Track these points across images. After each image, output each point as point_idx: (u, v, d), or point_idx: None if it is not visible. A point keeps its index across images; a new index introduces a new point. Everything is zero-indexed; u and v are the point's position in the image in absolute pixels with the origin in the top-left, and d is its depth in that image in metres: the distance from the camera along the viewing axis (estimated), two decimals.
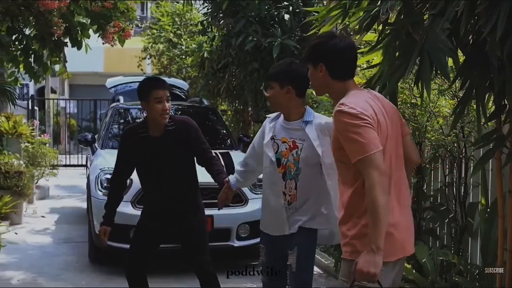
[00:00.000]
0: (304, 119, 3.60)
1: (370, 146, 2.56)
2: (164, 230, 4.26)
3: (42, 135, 12.56)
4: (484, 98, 3.05)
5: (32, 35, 7.23)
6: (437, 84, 4.62)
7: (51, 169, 11.13)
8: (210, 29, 9.69)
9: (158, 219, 4.24)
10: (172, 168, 4.15)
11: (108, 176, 6.14)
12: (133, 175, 4.42)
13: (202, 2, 10.19)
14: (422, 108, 4.86)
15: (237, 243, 6.38)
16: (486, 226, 4.31)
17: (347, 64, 2.84)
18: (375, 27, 3.28)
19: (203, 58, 9.80)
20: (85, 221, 7.61)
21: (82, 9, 6.90)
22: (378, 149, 2.57)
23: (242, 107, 10.42)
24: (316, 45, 2.87)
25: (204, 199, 4.50)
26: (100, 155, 7.25)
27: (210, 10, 9.34)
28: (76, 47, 7.36)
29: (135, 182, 5.74)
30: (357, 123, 2.59)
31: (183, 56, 12.99)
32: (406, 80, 4.56)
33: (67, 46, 7.41)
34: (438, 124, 4.87)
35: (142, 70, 14.82)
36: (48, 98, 19.22)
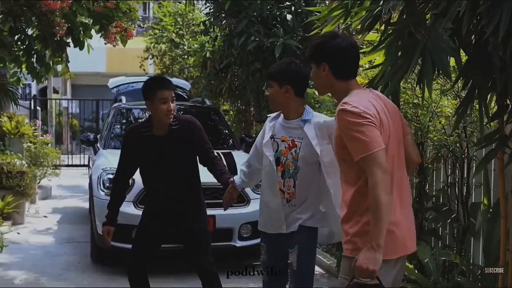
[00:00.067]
0: (303, 117, 3.62)
1: (373, 145, 2.58)
2: (166, 230, 4.25)
3: (45, 135, 12.59)
4: (486, 98, 3.05)
5: (34, 35, 7.24)
6: (439, 84, 4.61)
7: (53, 169, 11.13)
8: (212, 29, 9.70)
9: (160, 219, 4.24)
10: (176, 167, 4.15)
11: (110, 176, 6.15)
12: (135, 175, 4.42)
13: (204, 2, 10.20)
14: (425, 108, 4.85)
15: (239, 243, 6.37)
16: (488, 226, 4.31)
17: (349, 64, 2.86)
18: (377, 27, 3.28)
19: (205, 58, 9.81)
20: (87, 221, 7.62)
21: (84, 9, 6.91)
22: (381, 147, 2.59)
23: (244, 107, 10.43)
24: (319, 44, 2.89)
25: (206, 199, 4.49)
26: (102, 155, 7.25)
27: (212, 10, 9.36)
28: (78, 47, 7.37)
29: (137, 182, 5.75)
30: (360, 121, 2.61)
31: (185, 56, 13.01)
32: (408, 80, 4.56)
33: (69, 46, 7.42)
34: (440, 124, 4.86)
35: (144, 70, 14.84)
36: (51, 98, 19.25)
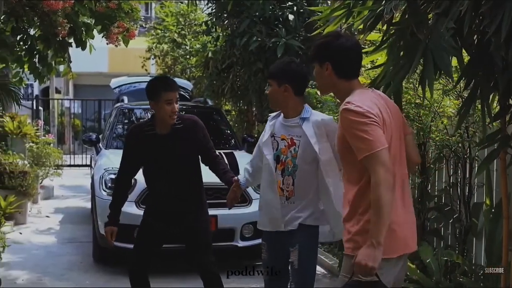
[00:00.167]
0: (301, 116, 3.65)
1: (376, 144, 2.60)
2: (168, 229, 4.25)
3: (47, 135, 12.59)
4: (488, 98, 3.05)
5: (36, 35, 7.25)
6: (441, 84, 4.61)
7: (55, 169, 11.14)
8: (214, 29, 9.70)
9: (162, 218, 4.24)
10: (178, 166, 4.15)
11: (113, 176, 6.15)
12: (137, 175, 4.42)
13: (207, 2, 10.20)
14: (427, 108, 4.85)
15: (241, 243, 6.37)
16: (490, 227, 4.30)
17: (353, 64, 2.89)
18: (379, 26, 3.28)
19: (208, 58, 9.81)
20: (89, 221, 7.62)
21: (87, 9, 6.92)
22: (384, 146, 2.62)
23: (246, 107, 10.42)
24: (323, 44, 2.91)
25: (208, 199, 4.49)
26: (104, 155, 7.26)
27: (214, 10, 9.35)
28: (80, 48, 7.38)
29: (139, 182, 5.75)
30: (363, 121, 2.63)
31: (188, 56, 13.01)
32: (410, 80, 4.56)
33: (71, 47, 7.43)
34: (442, 124, 4.86)
35: (146, 70, 14.84)
36: (53, 98, 19.24)
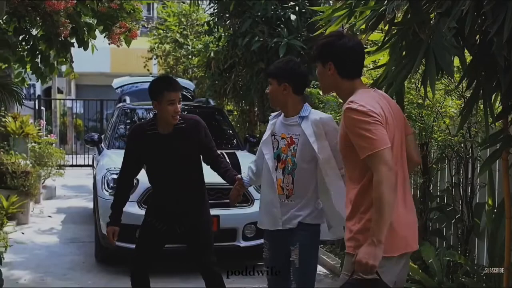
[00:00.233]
0: (300, 114, 3.68)
1: (380, 143, 2.62)
2: (170, 229, 4.25)
3: (49, 135, 12.60)
4: (491, 99, 3.04)
5: (39, 35, 7.27)
6: (443, 84, 4.61)
7: (57, 169, 11.16)
8: (216, 29, 9.69)
9: (164, 219, 4.24)
10: (180, 166, 4.15)
11: (115, 176, 6.15)
12: (139, 175, 4.42)
13: (209, 2, 10.20)
14: (429, 108, 4.85)
15: (243, 243, 6.37)
16: (493, 227, 4.30)
17: (355, 63, 2.91)
18: (381, 26, 3.28)
19: (210, 58, 9.81)
20: (91, 221, 7.63)
21: (89, 9, 6.93)
22: (387, 145, 2.63)
23: (248, 107, 10.42)
24: (326, 44, 2.93)
25: (210, 199, 4.50)
26: (106, 155, 7.26)
27: (216, 11, 9.35)
28: (82, 48, 7.40)
29: (141, 182, 5.76)
30: (367, 120, 2.65)
31: (190, 56, 13.00)
32: (412, 80, 4.55)
33: (73, 47, 7.44)
34: (444, 124, 4.86)
35: (148, 70, 14.84)
36: (55, 98, 19.28)
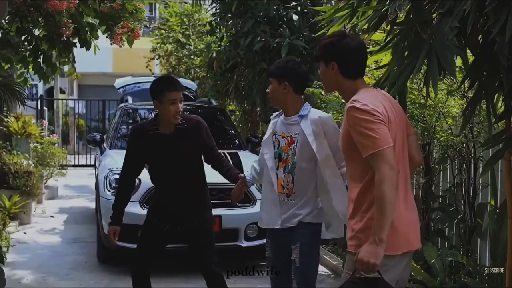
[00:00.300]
0: (300, 113, 3.70)
1: (382, 142, 2.63)
2: (171, 229, 4.25)
3: (51, 135, 12.62)
4: (493, 98, 3.04)
5: (41, 35, 7.27)
6: (446, 84, 4.61)
7: (60, 169, 11.17)
8: (218, 29, 9.70)
9: (165, 219, 4.24)
10: (181, 166, 4.15)
11: (117, 176, 6.15)
12: (141, 175, 4.42)
13: (211, 2, 10.20)
14: (431, 109, 4.84)
15: (245, 244, 6.37)
16: (495, 227, 4.30)
17: (358, 63, 2.93)
18: (383, 26, 3.28)
19: (212, 58, 9.81)
20: (93, 221, 7.64)
21: (91, 9, 6.93)
22: (390, 145, 2.65)
23: (250, 107, 10.42)
24: (329, 44, 2.95)
25: (212, 199, 4.49)
26: (108, 155, 7.27)
27: (218, 11, 9.35)
28: (85, 48, 7.40)
29: (143, 182, 5.76)
30: (369, 119, 2.67)
31: (192, 57, 13.01)
32: (415, 80, 4.55)
33: (76, 47, 7.44)
34: (447, 125, 4.86)
35: (150, 70, 14.85)
36: (57, 98, 19.30)
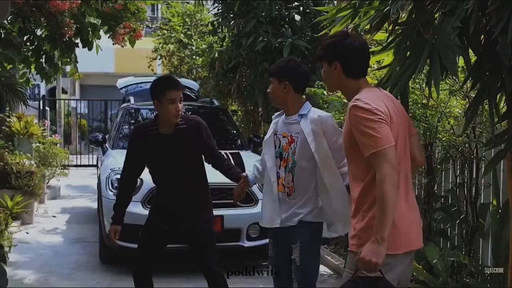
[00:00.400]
0: (300, 112, 3.71)
1: (384, 141, 2.64)
2: (172, 229, 4.26)
3: (53, 135, 12.63)
4: (496, 98, 3.04)
5: (43, 36, 7.28)
6: (448, 84, 4.60)
7: (62, 169, 11.18)
8: (220, 29, 9.70)
9: (166, 219, 4.24)
10: (182, 166, 4.15)
11: (119, 176, 6.16)
12: (143, 175, 4.42)
13: (213, 2, 10.21)
14: (433, 109, 4.84)
15: (247, 244, 6.37)
16: (497, 227, 4.29)
17: (360, 63, 2.95)
18: (385, 26, 3.28)
19: (214, 58, 9.82)
20: (96, 221, 7.64)
21: (93, 10, 6.94)
22: (391, 144, 2.66)
23: (252, 107, 10.43)
24: (332, 43, 2.97)
25: (214, 199, 4.49)
26: (110, 155, 7.27)
27: (220, 11, 9.35)
28: (87, 48, 7.41)
29: (145, 182, 5.76)
30: (372, 118, 2.68)
31: (194, 57, 13.02)
32: (417, 80, 4.54)
33: (78, 47, 7.46)
34: (449, 125, 4.85)
35: (152, 70, 14.87)
36: (59, 98, 19.30)
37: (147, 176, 4.40)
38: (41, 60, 7.48)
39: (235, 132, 8.41)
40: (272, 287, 4.00)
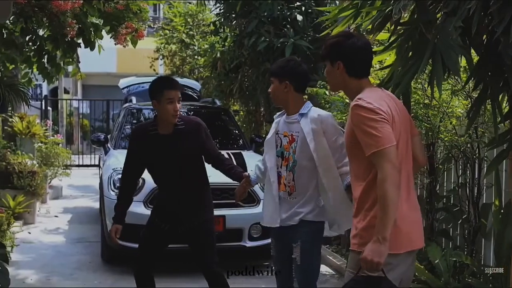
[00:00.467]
0: (300, 111, 3.72)
1: (385, 140, 2.65)
2: (172, 229, 4.26)
3: (55, 135, 12.63)
4: (498, 98, 3.04)
5: (45, 36, 7.29)
6: (450, 84, 4.60)
7: (64, 169, 11.19)
8: (222, 29, 9.69)
9: (167, 219, 4.25)
10: (181, 167, 4.16)
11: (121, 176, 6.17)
12: (145, 175, 4.43)
13: (215, 2, 10.20)
14: (435, 109, 4.84)
15: (249, 244, 6.37)
16: (499, 227, 4.29)
17: (363, 63, 2.95)
18: (387, 26, 3.28)
19: (216, 58, 9.81)
20: (98, 221, 7.65)
21: (95, 10, 6.94)
22: (393, 144, 2.66)
23: (254, 107, 10.42)
24: (335, 43, 2.98)
25: (216, 199, 4.50)
26: (112, 155, 7.28)
27: (222, 11, 9.34)
28: (89, 48, 7.41)
29: (147, 182, 5.76)
30: (373, 117, 2.68)
31: (196, 57, 13.01)
32: (419, 80, 4.54)
33: (80, 47, 7.46)
34: (451, 125, 4.85)
35: (154, 70, 14.85)
36: (61, 98, 19.31)
37: (149, 176, 4.40)
38: (43, 60, 7.48)
39: (237, 132, 8.42)
40: (274, 286, 4.00)
